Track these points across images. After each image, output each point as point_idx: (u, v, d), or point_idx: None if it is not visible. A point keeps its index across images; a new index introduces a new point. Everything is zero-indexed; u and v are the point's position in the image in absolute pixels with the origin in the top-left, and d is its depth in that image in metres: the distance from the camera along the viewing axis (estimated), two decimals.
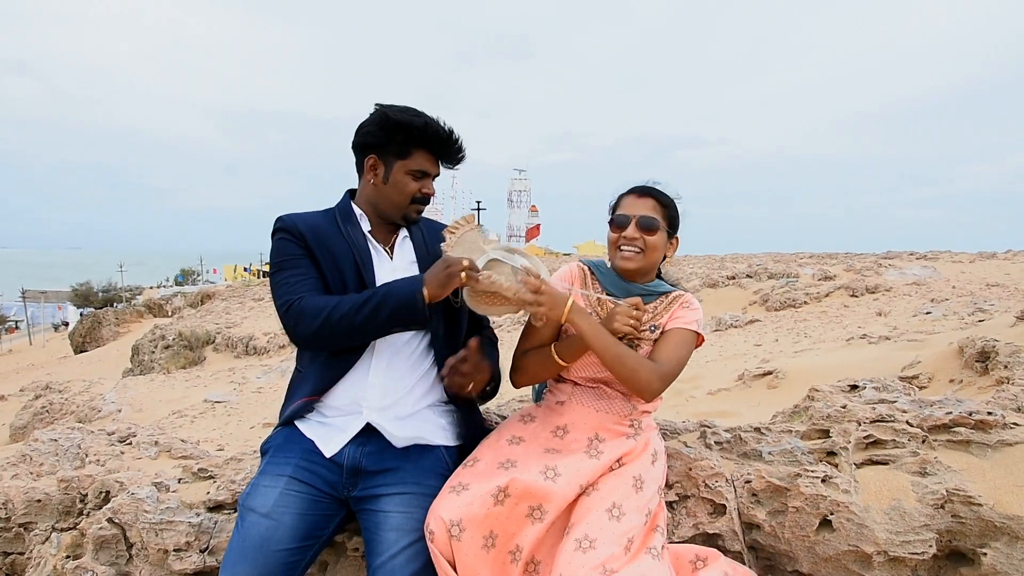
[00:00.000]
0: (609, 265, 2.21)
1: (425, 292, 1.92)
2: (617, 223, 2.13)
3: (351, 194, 2.25)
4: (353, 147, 2.18)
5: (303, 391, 2.10)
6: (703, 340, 2.14)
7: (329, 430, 2.05)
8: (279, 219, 2.13)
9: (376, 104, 2.13)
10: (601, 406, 2.10)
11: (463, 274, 1.91)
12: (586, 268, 2.25)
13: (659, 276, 2.23)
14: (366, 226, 2.18)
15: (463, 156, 2.20)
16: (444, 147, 2.15)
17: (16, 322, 57.58)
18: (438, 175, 2.20)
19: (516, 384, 2.20)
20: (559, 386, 2.19)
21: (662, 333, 2.08)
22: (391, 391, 2.07)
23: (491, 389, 2.20)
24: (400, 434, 2.04)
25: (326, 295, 2.03)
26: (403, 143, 2.09)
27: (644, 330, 2.09)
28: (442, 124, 2.11)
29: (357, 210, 2.19)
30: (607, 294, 2.17)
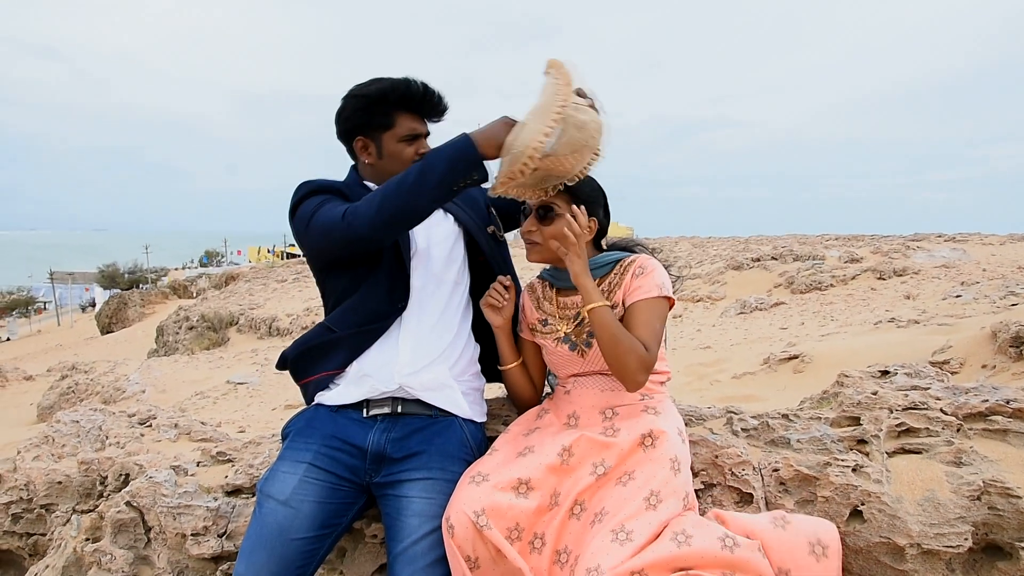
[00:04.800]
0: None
1: (477, 146, 1.81)
2: (523, 215, 2.06)
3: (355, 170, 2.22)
4: (339, 137, 2.16)
5: (333, 362, 2.05)
6: (673, 302, 2.00)
7: (359, 387, 2.02)
8: (304, 183, 2.07)
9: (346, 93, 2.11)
10: (607, 385, 2.03)
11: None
12: (535, 283, 2.21)
13: (604, 248, 2.12)
14: None
15: (445, 108, 2.17)
16: (423, 103, 2.11)
17: (44, 303, 58.55)
18: (428, 134, 2.16)
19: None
20: (565, 378, 2.14)
21: (625, 310, 1.95)
22: (421, 357, 2.02)
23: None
24: (431, 395, 2.02)
25: None
26: (384, 113, 2.07)
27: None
28: (414, 80, 2.08)
29: (369, 183, 2.16)
30: (556, 290, 2.12)
